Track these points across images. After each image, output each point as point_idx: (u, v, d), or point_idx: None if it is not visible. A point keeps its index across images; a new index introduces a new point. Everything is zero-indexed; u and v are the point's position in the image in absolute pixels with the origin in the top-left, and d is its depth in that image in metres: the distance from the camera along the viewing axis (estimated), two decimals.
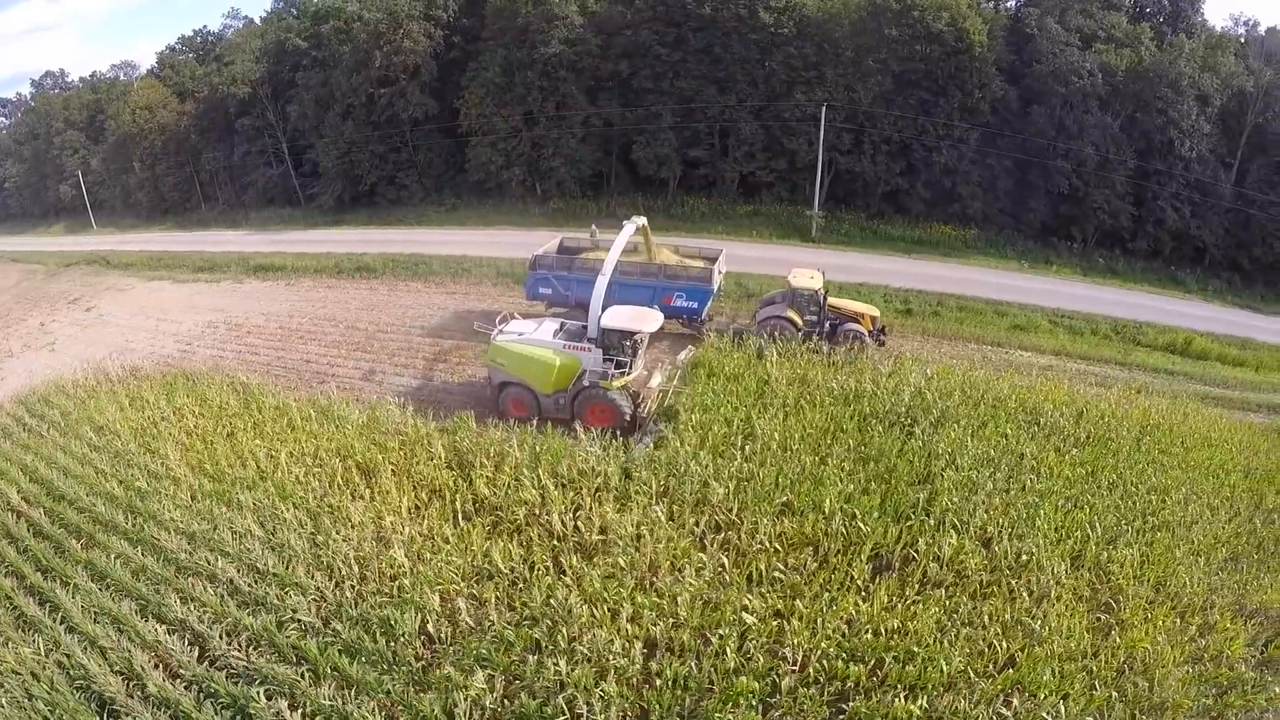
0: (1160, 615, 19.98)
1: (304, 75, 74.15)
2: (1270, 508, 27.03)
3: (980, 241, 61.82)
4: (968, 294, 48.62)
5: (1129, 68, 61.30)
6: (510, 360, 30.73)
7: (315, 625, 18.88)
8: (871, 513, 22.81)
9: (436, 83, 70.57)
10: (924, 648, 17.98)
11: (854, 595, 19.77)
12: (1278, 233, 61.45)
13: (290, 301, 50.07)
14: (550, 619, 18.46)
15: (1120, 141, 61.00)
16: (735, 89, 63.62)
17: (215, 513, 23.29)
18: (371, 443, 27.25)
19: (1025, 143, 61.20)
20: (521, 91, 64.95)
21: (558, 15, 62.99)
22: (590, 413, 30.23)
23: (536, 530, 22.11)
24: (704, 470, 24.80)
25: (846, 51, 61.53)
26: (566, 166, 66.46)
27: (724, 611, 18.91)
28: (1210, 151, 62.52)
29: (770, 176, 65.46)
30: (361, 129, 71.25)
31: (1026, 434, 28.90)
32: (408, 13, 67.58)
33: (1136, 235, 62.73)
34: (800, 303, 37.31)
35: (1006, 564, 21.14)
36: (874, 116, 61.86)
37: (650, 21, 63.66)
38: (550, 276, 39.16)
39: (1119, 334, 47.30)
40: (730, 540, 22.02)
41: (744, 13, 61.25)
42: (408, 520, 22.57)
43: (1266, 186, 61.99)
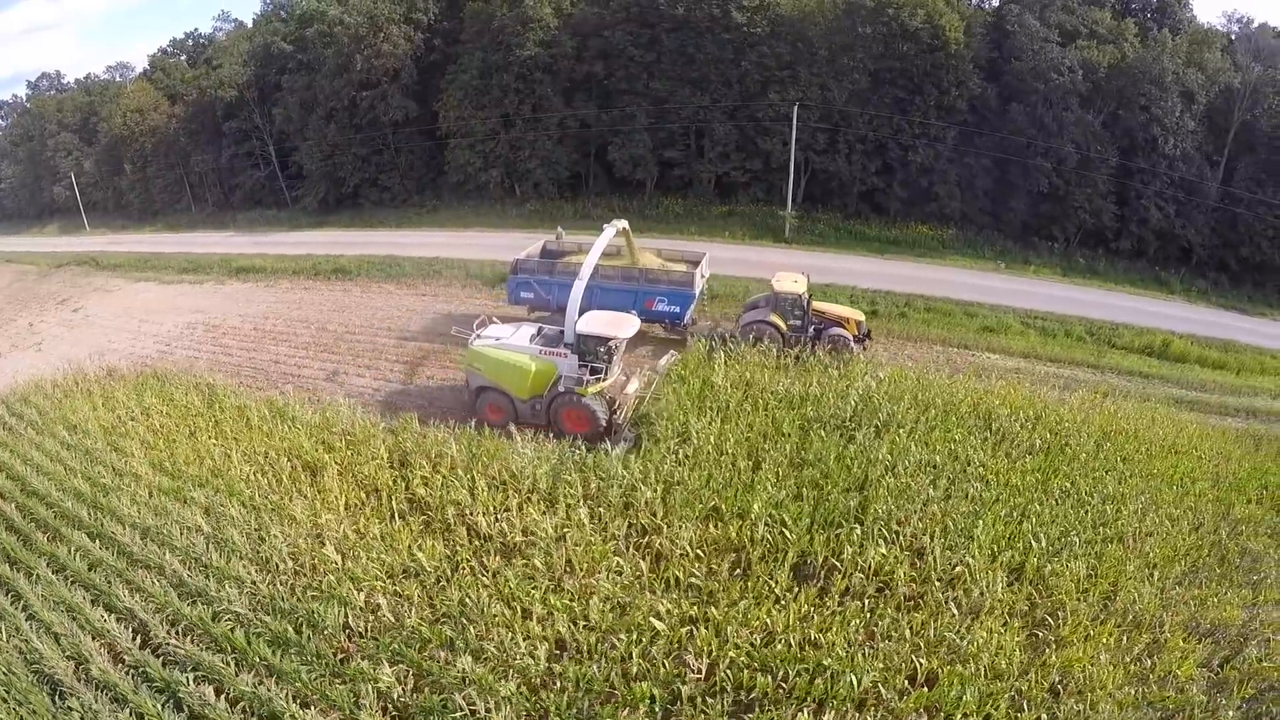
0: (1103, 632, 19.41)
1: (289, 78, 74.57)
2: (1237, 518, 26.19)
3: (958, 241, 61.38)
4: (938, 295, 48.22)
5: (1111, 64, 60.85)
6: (487, 365, 30.52)
7: (247, 617, 19.32)
8: (801, 519, 22.56)
9: (417, 85, 70.90)
10: (837, 661, 17.68)
11: (772, 604, 19.52)
12: (1266, 232, 60.59)
13: (267, 303, 50.50)
14: (466, 617, 18.79)
15: (1102, 139, 60.52)
16: (709, 89, 63.61)
17: (169, 508, 23.94)
18: (319, 442, 27.82)
19: (1004, 141, 60.78)
20: (498, 94, 65.22)
21: (532, 18, 63.07)
22: (566, 418, 30.11)
23: (465, 530, 22.45)
24: (630, 473, 24.83)
25: (820, 50, 61.29)
26: (543, 168, 66.75)
27: (633, 615, 18.92)
28: (1196, 149, 61.94)
29: (745, 177, 65.35)
30: (344, 131, 71.67)
31: (978, 440, 28.27)
32: (388, 16, 67.92)
33: (1120, 235, 62.20)
34: (784, 307, 36.86)
35: (937, 576, 20.68)
36: (849, 116, 61.62)
37: (624, 23, 63.68)
38: (532, 280, 39.04)
39: (1093, 336, 46.68)
40: (652, 544, 21.91)
41: (717, 12, 61.12)
42: (344, 518, 23.01)
43: (1254, 185, 61.16)
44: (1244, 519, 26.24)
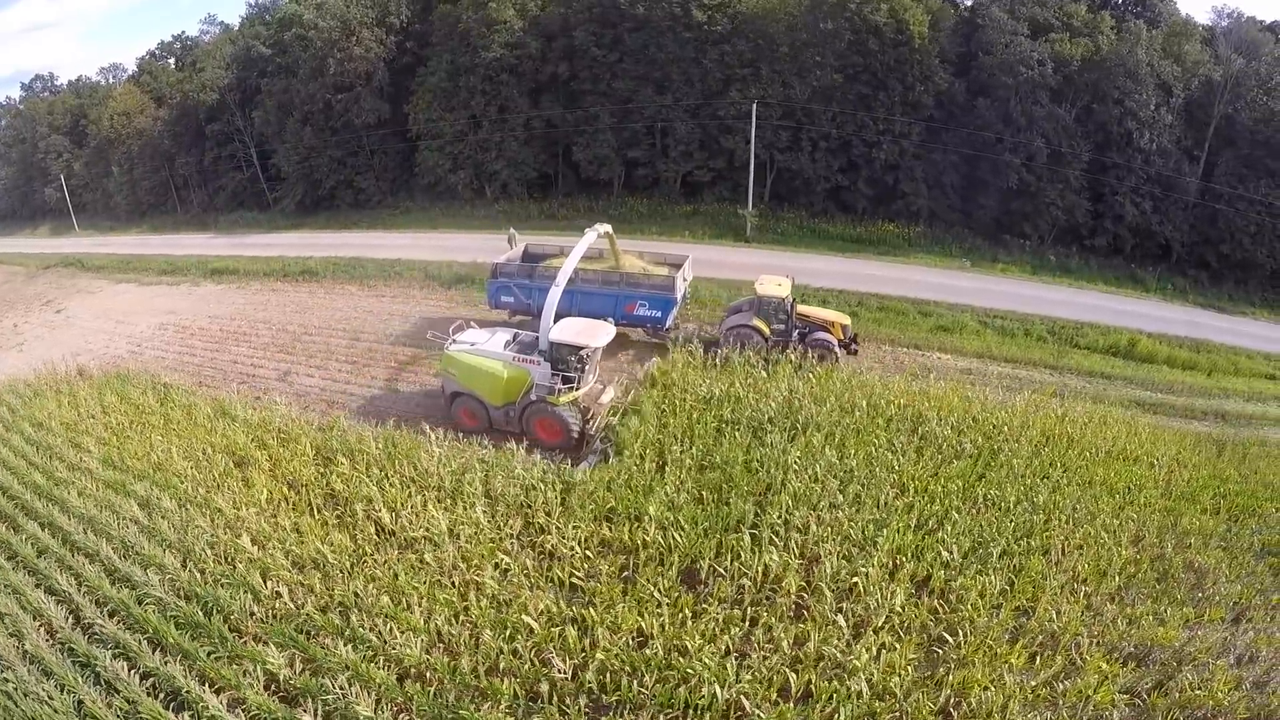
0: (1010, 652, 18.99)
1: (268, 81, 75.01)
2: (1185, 529, 25.51)
3: (925, 239, 60.95)
4: (895, 294, 47.75)
5: (1085, 57, 60.12)
6: (461, 370, 30.34)
7: (166, 600, 20.38)
8: (699, 523, 22.53)
9: (390, 88, 71.29)
10: (707, 669, 17.50)
11: (653, 608, 19.51)
12: (1248, 229, 59.53)
13: (236, 304, 51.02)
14: (359, 607, 19.62)
15: (1074, 134, 59.90)
16: (671, 88, 63.55)
17: (112, 501, 25.29)
18: (254, 439, 28.75)
19: (972, 136, 60.36)
20: (466, 96, 65.52)
21: (497, 20, 63.23)
22: (538, 428, 29.89)
23: (373, 525, 23.11)
24: (528, 473, 25.16)
25: (782, 47, 61.05)
26: (510, 169, 67.09)
27: (508, 612, 19.31)
28: (1174, 144, 61.09)
29: (709, 176, 65.28)
30: (320, 134, 72.14)
31: (901, 444, 27.95)
32: (360, 20, 68.30)
33: (1095, 232, 61.56)
34: (767, 311, 36.43)
35: (829, 586, 20.34)
36: (812, 113, 61.34)
37: (587, 23, 63.71)
38: (512, 284, 38.71)
39: (1055, 335, 46.03)
40: (545, 544, 22.18)
41: (678, 11, 60.97)
42: (264, 512, 24.03)
43: (1236, 180, 60.18)
44: (1194, 530, 25.53)
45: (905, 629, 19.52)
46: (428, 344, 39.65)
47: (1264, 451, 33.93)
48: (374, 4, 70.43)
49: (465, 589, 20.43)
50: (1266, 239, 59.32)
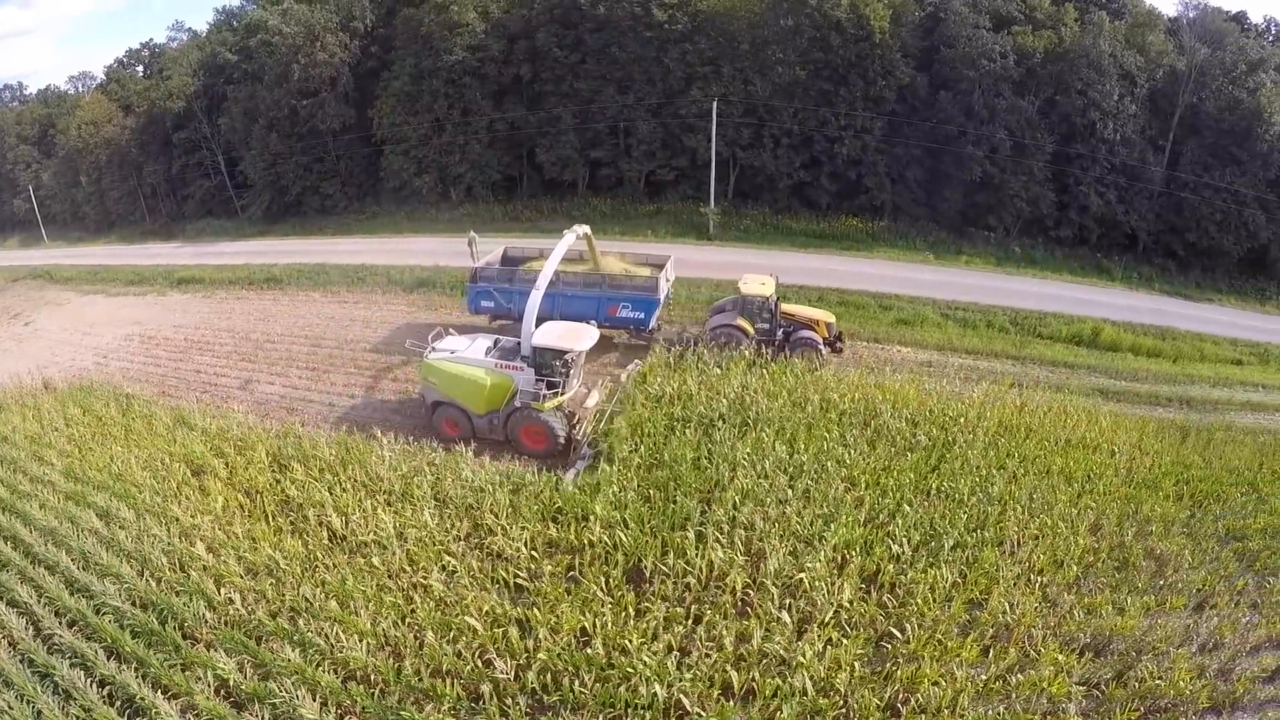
0: (960, 646, 18.96)
1: (234, 88, 74.68)
2: (1145, 517, 25.55)
3: (889, 233, 61.17)
4: (855, 288, 47.73)
5: (1048, 49, 60.44)
6: (442, 379, 29.87)
7: (122, 609, 20.47)
8: (646, 522, 22.61)
9: (355, 92, 71.11)
10: (648, 668, 17.54)
11: (596, 607, 19.61)
12: (1214, 217, 60.07)
13: (201, 314, 50.73)
14: (309, 613, 19.76)
15: (1037, 125, 60.09)
16: (633, 88, 63.54)
17: (72, 512, 25.28)
18: (211, 448, 28.77)
19: (935, 130, 60.57)
20: (429, 99, 65.39)
21: (459, 23, 63.16)
22: (524, 434, 29.55)
23: (325, 530, 23.26)
24: (477, 476, 25.29)
25: (743, 45, 61.10)
26: (474, 172, 66.97)
27: (452, 614, 19.44)
28: (1138, 134, 61.55)
29: (672, 175, 65.31)
30: (286, 140, 71.67)
31: (854, 438, 28.01)
32: (324, 25, 68.07)
33: (1060, 223, 61.92)
34: (751, 310, 36.36)
35: (774, 582, 20.35)
36: (774, 110, 61.45)
37: (548, 24, 63.65)
38: (492, 289, 38.26)
39: (1018, 326, 46.28)
40: (491, 545, 22.26)
41: (638, 11, 60.91)
42: (220, 519, 24.12)
43: (1201, 169, 60.74)
44: (1155, 518, 25.58)
45: (852, 624, 19.52)
46: (387, 349, 39.91)
47: (1229, 437, 34.21)
48: (338, 9, 70.22)
49: (411, 591, 20.50)
50: (1232, 226, 59.86)
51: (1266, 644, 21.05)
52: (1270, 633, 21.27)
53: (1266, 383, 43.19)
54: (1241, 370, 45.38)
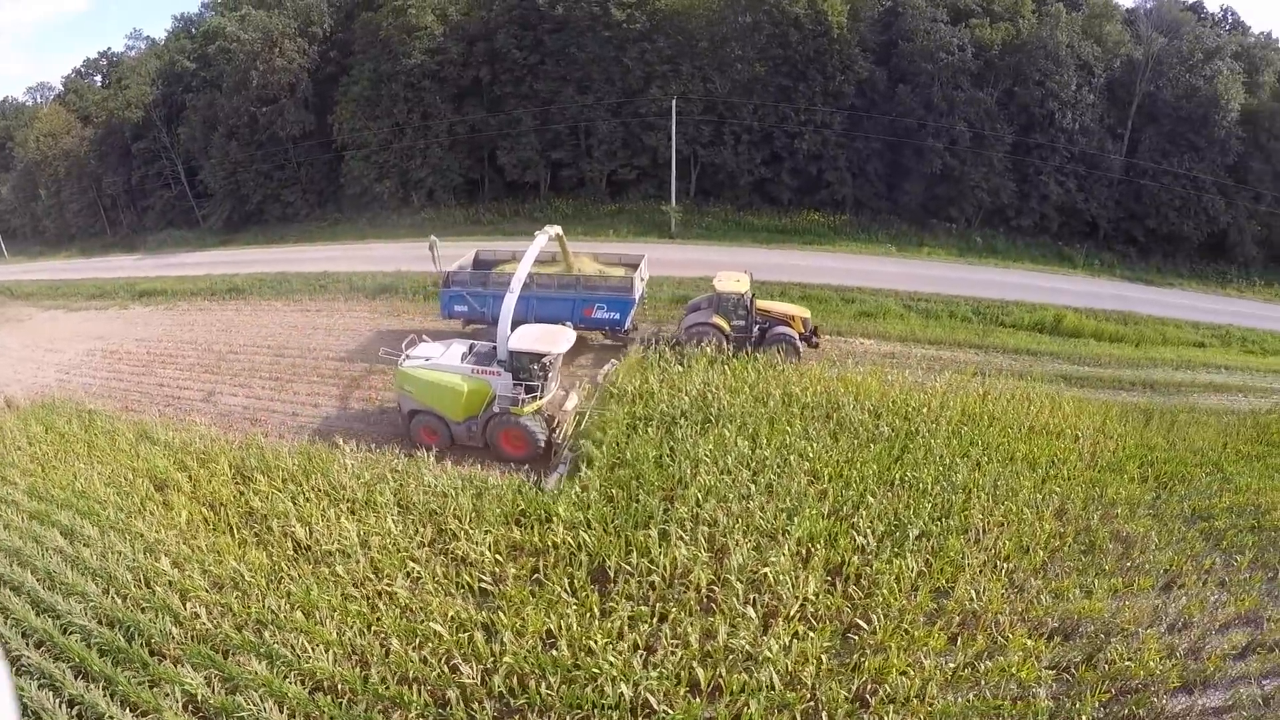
0: (926, 635, 19.00)
1: (193, 97, 74.08)
2: (1110, 500, 25.74)
3: (851, 227, 61.49)
4: (817, 282, 47.77)
5: (1005, 41, 60.79)
6: (418, 387, 29.38)
7: (89, 628, 20.09)
8: (609, 522, 22.60)
9: (314, 98, 70.55)
10: (614, 668, 17.52)
11: (561, 609, 19.52)
12: (1173, 203, 61.11)
13: (163, 326, 50.10)
14: (275, 624, 19.53)
15: (996, 117, 60.48)
16: (593, 88, 63.45)
17: (37, 532, 24.76)
18: (175, 462, 28.39)
19: (895, 123, 60.92)
20: (389, 104, 65.01)
21: (417, 26, 62.85)
22: (503, 440, 29.16)
23: (289, 541, 22.93)
24: (439, 481, 25.12)
25: (701, 42, 61.33)
26: (435, 176, 66.61)
27: (416, 621, 19.34)
28: (1097, 123, 62.24)
29: (633, 174, 65.37)
30: (245, 148, 71.12)
31: (816, 431, 28.07)
32: (282, 31, 67.64)
33: (1021, 212, 62.42)
34: (726, 308, 36.21)
35: (738, 578, 20.32)
36: (734, 106, 61.68)
37: (507, 25, 63.40)
38: (465, 293, 37.95)
39: (980, 315, 46.45)
40: (455, 550, 22.12)
41: (596, 10, 60.87)
42: (185, 534, 23.77)
43: (1159, 156, 61.70)
44: (1120, 500, 25.76)
45: (818, 617, 19.53)
46: (350, 357, 39.65)
47: (1193, 418, 34.50)
48: (296, 14, 69.78)
49: (376, 599, 20.34)
50: (1192, 212, 60.92)
51: (1236, 621, 21.25)
52: (1239, 610, 21.45)
53: (1229, 364, 43.89)
54: (1204, 352, 45.93)
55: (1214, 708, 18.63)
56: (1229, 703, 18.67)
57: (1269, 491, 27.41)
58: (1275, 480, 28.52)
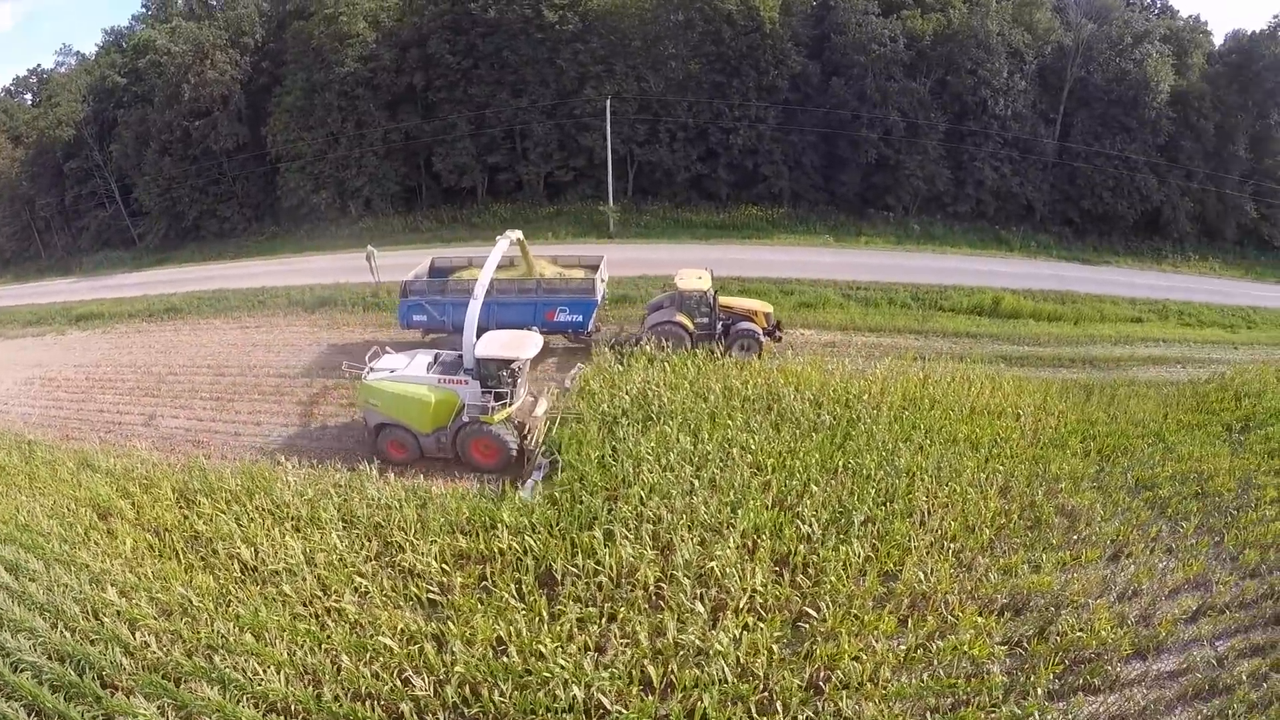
0: (876, 619, 19.17)
1: (124, 112, 72.49)
2: (1054, 475, 26.20)
3: (789, 220, 61.89)
4: (756, 275, 47.91)
5: (936, 31, 61.49)
6: (383, 400, 28.70)
7: (39, 664, 19.51)
8: (549, 526, 22.64)
9: (248, 110, 69.51)
10: (565, 671, 17.48)
11: (509, 615, 19.47)
12: (1106, 183, 62.58)
13: (102, 350, 49.01)
14: (226, 648, 19.19)
15: (929, 106, 61.26)
16: (527, 91, 63.20)
17: None
18: (117, 489, 27.72)
19: (829, 116, 61.49)
20: (322, 113, 64.05)
21: (349, 33, 62.19)
22: (474, 450, 28.68)
23: (236, 562, 22.57)
24: (382, 493, 24.94)
25: (634, 42, 61.42)
26: (372, 185, 65.79)
27: (365, 635, 19.18)
28: (1029, 108, 63.30)
29: (570, 175, 65.24)
30: (179, 163, 69.86)
31: (761, 422, 28.26)
32: (213, 42, 66.51)
33: (958, 199, 63.32)
34: (689, 305, 36.19)
35: (686, 574, 20.38)
36: (669, 104, 61.92)
37: (439, 30, 62.95)
38: (423, 302, 37.31)
39: (919, 301, 47.13)
40: (402, 562, 21.96)
41: (529, 13, 60.64)
42: (130, 562, 23.22)
43: (1091, 138, 63.15)
44: (1064, 475, 26.21)
45: (767, 608, 19.64)
46: (290, 372, 39.24)
47: (1133, 391, 35.42)
48: (227, 25, 68.77)
49: (325, 616, 20.16)
50: (1125, 191, 62.42)
51: (1185, 586, 21.77)
52: (1187, 575, 21.96)
53: (1166, 337, 45.28)
54: (1142, 327, 47.14)
55: (1169, 672, 19.03)
56: (1183, 666, 19.08)
57: (1211, 458, 28.16)
58: (1216, 447, 29.35)
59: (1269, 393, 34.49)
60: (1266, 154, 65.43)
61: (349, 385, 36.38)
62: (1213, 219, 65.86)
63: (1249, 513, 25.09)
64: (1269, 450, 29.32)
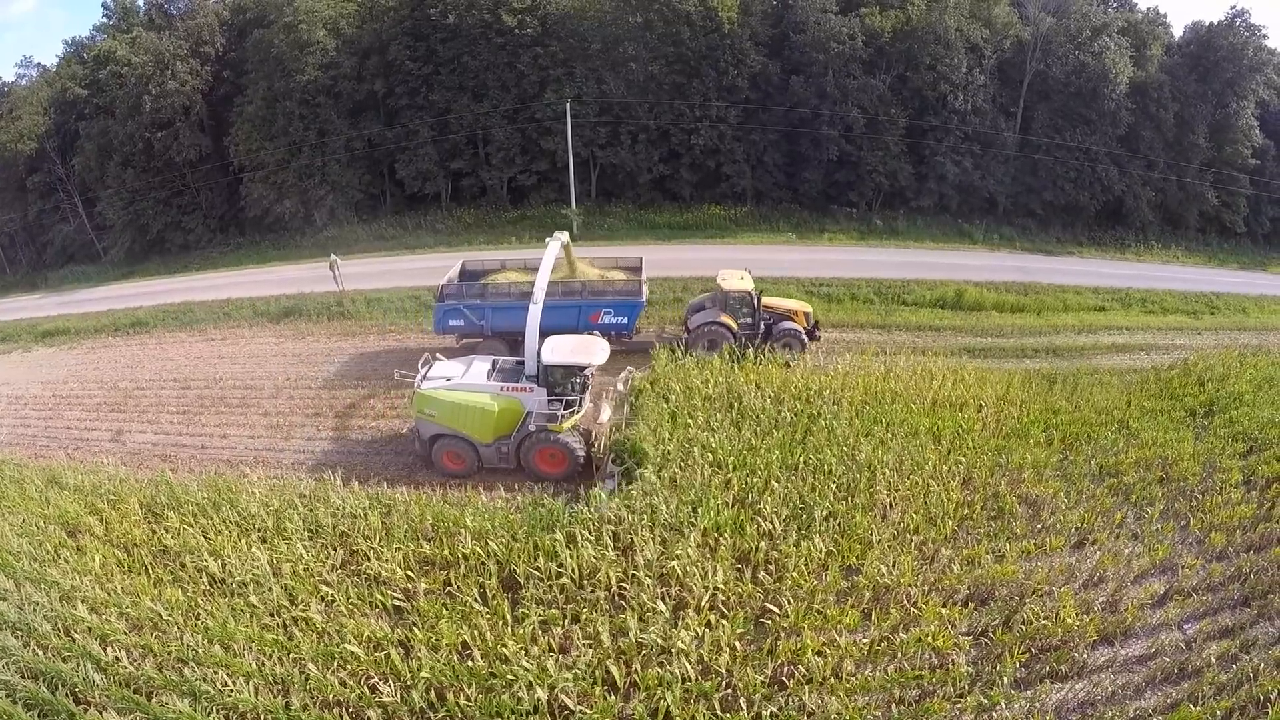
0: (839, 614, 19.44)
1: (86, 125, 71.35)
2: (1016, 465, 26.55)
3: (752, 218, 62.24)
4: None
5: (895, 28, 61.94)
6: (441, 410, 27.80)
7: (11, 682, 19.49)
8: (511, 530, 22.83)
9: (210, 120, 68.91)
10: (528, 673, 17.66)
11: (473, 619, 19.66)
12: (1068, 174, 63.18)
13: (69, 366, 48.44)
14: (196, 661, 19.25)
15: (889, 102, 61.70)
16: (488, 96, 62.94)
17: None
18: (85, 505, 27.58)
19: (790, 114, 61.81)
20: (284, 122, 63.56)
21: (309, 42, 61.77)
22: (539, 459, 27.96)
23: (204, 575, 22.48)
24: (346, 502, 24.96)
25: (594, 44, 61.40)
26: (335, 193, 65.30)
27: (334, 644, 19.22)
28: (989, 102, 63.71)
29: (533, 179, 65.08)
30: (142, 176, 68.92)
31: (722, 421, 28.54)
32: (173, 52, 65.74)
33: (920, 193, 63.79)
34: (733, 306, 36.18)
35: (648, 574, 20.65)
36: (629, 106, 61.99)
37: (399, 37, 62.75)
38: (461, 306, 36.50)
39: (881, 296, 47.50)
40: (367, 569, 22.04)
41: (488, 18, 60.51)
42: (100, 578, 23.13)
43: (1052, 130, 63.66)
44: (1027, 464, 26.55)
45: (729, 606, 19.92)
46: (256, 383, 39.07)
47: (1096, 379, 36.10)
48: (187, 34, 67.88)
49: (292, 626, 20.21)
50: (1087, 182, 63.09)
51: (1151, 571, 22.21)
52: (1154, 560, 22.39)
53: (1130, 325, 45.94)
54: (1105, 316, 47.83)
55: (1137, 656, 19.40)
56: (1151, 650, 19.44)
57: (1174, 443, 28.64)
58: (1180, 432, 29.84)
59: (1232, 377, 35.15)
60: (1226, 142, 66.25)
61: (313, 395, 36.65)
62: (1174, 207, 66.75)
63: (1213, 496, 25.65)
64: (1232, 434, 29.96)
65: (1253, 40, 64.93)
